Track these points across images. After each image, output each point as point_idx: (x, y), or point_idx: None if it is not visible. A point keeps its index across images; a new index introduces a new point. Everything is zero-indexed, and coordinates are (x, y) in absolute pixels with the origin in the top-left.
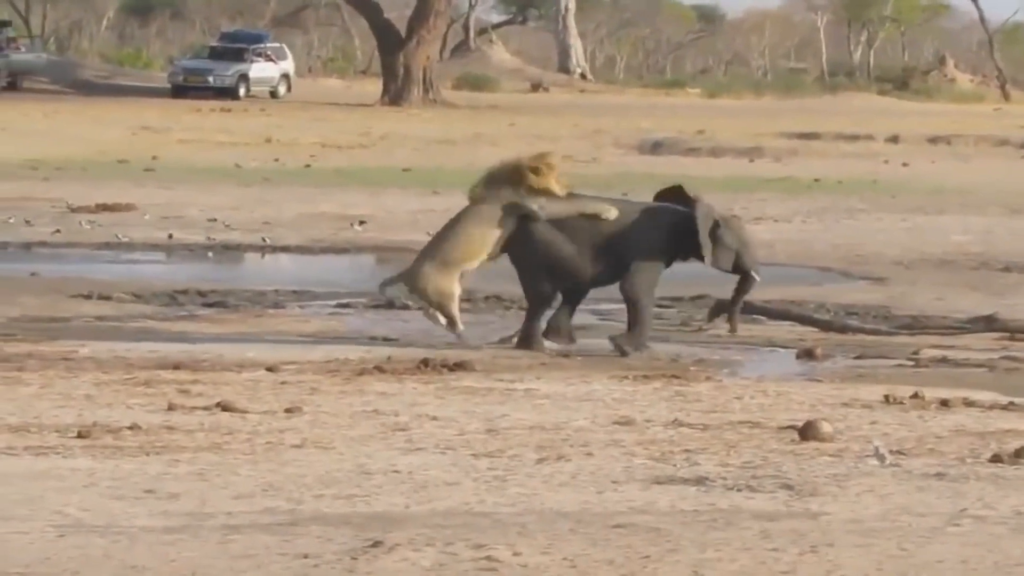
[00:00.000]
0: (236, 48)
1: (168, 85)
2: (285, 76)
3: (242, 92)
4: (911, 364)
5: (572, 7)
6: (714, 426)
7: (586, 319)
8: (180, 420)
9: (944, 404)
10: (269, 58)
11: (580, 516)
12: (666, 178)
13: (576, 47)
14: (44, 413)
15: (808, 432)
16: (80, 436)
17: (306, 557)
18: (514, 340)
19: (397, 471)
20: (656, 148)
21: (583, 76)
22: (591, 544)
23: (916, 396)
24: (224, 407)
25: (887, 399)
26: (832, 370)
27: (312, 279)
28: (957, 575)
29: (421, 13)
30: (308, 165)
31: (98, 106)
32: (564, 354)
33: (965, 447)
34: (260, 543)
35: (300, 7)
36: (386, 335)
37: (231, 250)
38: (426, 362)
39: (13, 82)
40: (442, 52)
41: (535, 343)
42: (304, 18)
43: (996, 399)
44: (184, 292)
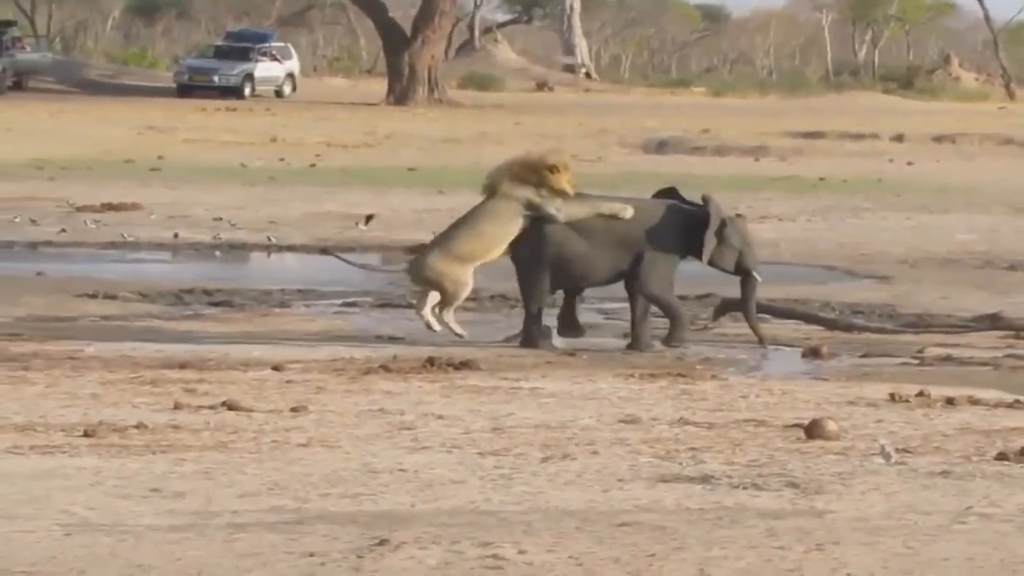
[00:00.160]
0: (241, 48)
1: (173, 85)
2: (290, 75)
3: (247, 91)
4: (916, 362)
5: (577, 6)
6: (720, 424)
7: (592, 318)
8: (186, 419)
9: (949, 402)
10: (274, 57)
11: (586, 514)
12: (671, 177)
13: (581, 46)
14: (50, 412)
15: (814, 430)
16: (86, 435)
17: (312, 556)
18: (518, 339)
19: (403, 470)
20: (661, 147)
21: (588, 75)
22: (597, 542)
23: (921, 394)
24: (230, 406)
25: (892, 397)
26: (837, 368)
27: (317, 278)
28: (963, 573)
29: (426, 13)
30: (313, 164)
31: (103, 106)
32: (570, 352)
33: (970, 445)
34: (266, 542)
35: (305, 7)
36: (392, 334)
37: (237, 249)
38: (432, 361)
39: (18, 82)
40: (447, 51)
41: (540, 341)
42: (309, 18)
43: (1001, 397)
44: (190, 291)
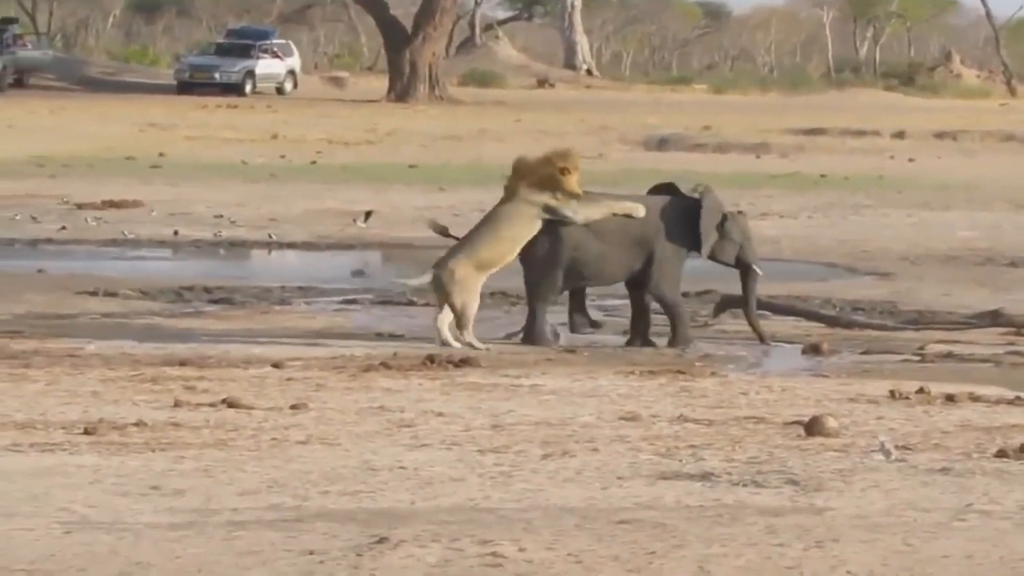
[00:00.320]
0: (242, 45)
1: (174, 82)
2: (291, 73)
3: (248, 89)
4: (917, 359)
5: (578, 3)
6: (719, 422)
7: (592, 315)
8: (186, 417)
9: (950, 399)
10: (275, 55)
11: (585, 512)
12: (672, 174)
13: (582, 43)
14: (50, 410)
15: (814, 428)
16: (86, 433)
17: (311, 553)
18: (519, 336)
19: (403, 467)
20: (662, 144)
21: (589, 72)
22: (596, 540)
23: (922, 391)
24: (230, 403)
25: (893, 394)
26: (838, 365)
27: (318, 275)
28: (962, 570)
29: (427, 10)
30: (314, 161)
31: (104, 103)
32: (570, 349)
33: (971, 442)
34: (265, 539)
35: (306, 4)
36: (392, 331)
37: (237, 246)
38: (432, 358)
39: (20, 79)
40: (448, 48)
41: (542, 338)
42: (310, 15)
43: (1002, 394)
44: (190, 288)
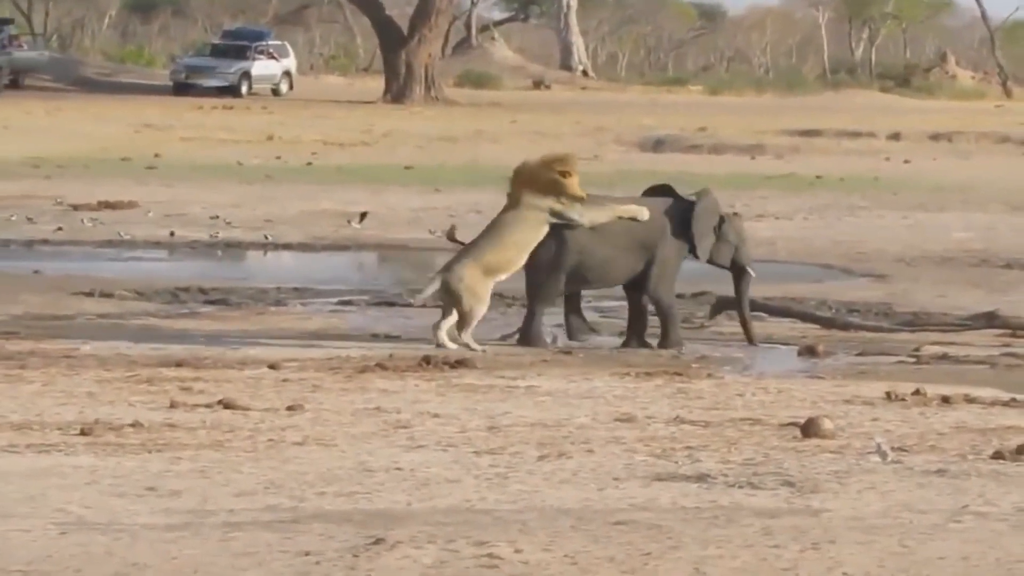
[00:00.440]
0: (238, 46)
1: (170, 83)
2: (287, 74)
3: (244, 90)
4: (912, 361)
5: (574, 4)
6: (715, 423)
7: (589, 316)
8: (182, 418)
9: (945, 401)
10: (271, 56)
11: (581, 513)
12: (668, 176)
13: (578, 44)
14: (46, 411)
15: (810, 429)
16: (82, 434)
17: (308, 555)
18: (515, 337)
19: (399, 468)
20: (658, 145)
21: (585, 73)
22: (592, 541)
23: (917, 393)
24: (226, 404)
25: (888, 396)
26: (834, 367)
27: (314, 276)
28: (958, 572)
29: (423, 11)
30: (310, 163)
31: (100, 104)
32: (566, 351)
33: (966, 444)
34: (262, 540)
35: (302, 5)
36: (388, 332)
37: (233, 247)
38: (428, 359)
39: (15, 80)
40: (444, 49)
41: (539, 340)
42: (306, 16)
43: (997, 396)
44: (186, 289)
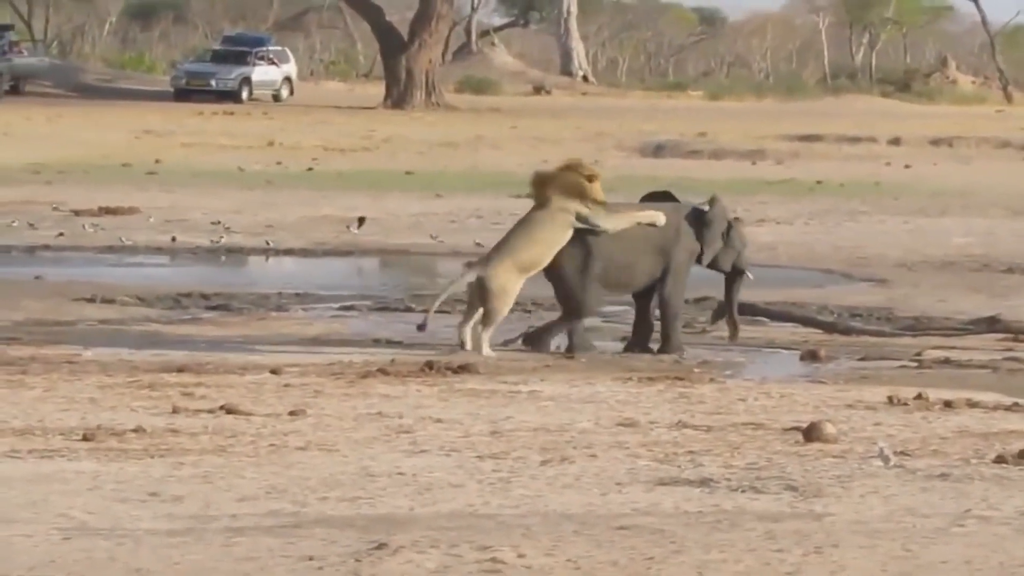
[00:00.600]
0: (239, 51)
1: (171, 89)
2: (287, 79)
3: (244, 95)
4: (914, 365)
5: (574, 10)
6: (718, 428)
7: (588, 319)
8: (184, 423)
9: (948, 405)
10: (271, 61)
11: (584, 518)
12: (668, 181)
13: (578, 50)
14: (48, 416)
15: (812, 433)
16: (84, 439)
17: (310, 559)
18: (518, 342)
19: (401, 473)
20: (658, 151)
21: (585, 79)
22: (595, 546)
23: (920, 397)
24: (228, 410)
25: (891, 400)
26: (835, 372)
27: (315, 282)
28: (961, 575)
29: (423, 16)
30: (310, 168)
31: (101, 110)
32: (568, 356)
33: (969, 448)
34: (264, 545)
35: (302, 10)
36: (390, 338)
37: (234, 253)
38: (430, 364)
39: (16, 86)
40: (444, 55)
41: (584, 349)
42: (306, 21)
43: (999, 400)
44: (188, 295)
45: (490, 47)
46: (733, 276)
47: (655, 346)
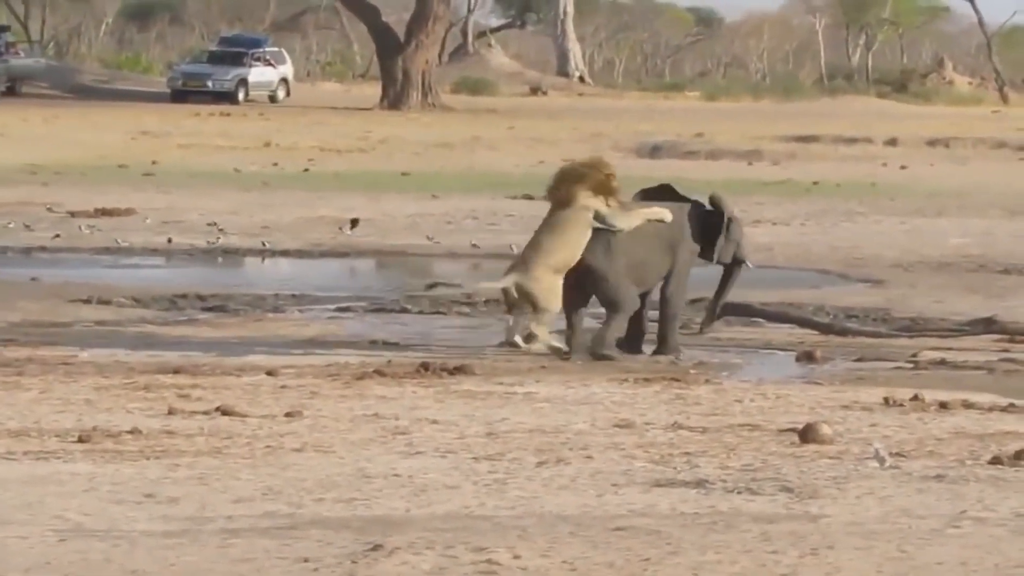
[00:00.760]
0: (235, 52)
1: (167, 90)
2: (284, 80)
3: (241, 96)
4: (910, 366)
5: (570, 11)
6: (714, 429)
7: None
8: (180, 424)
9: (943, 406)
10: (268, 62)
11: (580, 519)
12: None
13: (575, 51)
14: (44, 418)
15: (808, 435)
16: (80, 440)
17: (306, 561)
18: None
19: (397, 475)
20: (655, 151)
21: (581, 79)
22: (591, 547)
23: (916, 398)
24: (224, 411)
25: (887, 401)
26: (831, 373)
27: (311, 283)
28: None
29: (420, 17)
30: (307, 169)
31: (97, 111)
32: (564, 357)
33: (965, 449)
34: (260, 547)
35: (299, 12)
36: (386, 339)
37: (231, 254)
38: (426, 366)
39: (12, 87)
40: (441, 56)
41: (614, 351)
42: (303, 22)
43: (995, 401)
44: (184, 296)
45: (486, 48)
46: (732, 267)
47: (649, 349)
